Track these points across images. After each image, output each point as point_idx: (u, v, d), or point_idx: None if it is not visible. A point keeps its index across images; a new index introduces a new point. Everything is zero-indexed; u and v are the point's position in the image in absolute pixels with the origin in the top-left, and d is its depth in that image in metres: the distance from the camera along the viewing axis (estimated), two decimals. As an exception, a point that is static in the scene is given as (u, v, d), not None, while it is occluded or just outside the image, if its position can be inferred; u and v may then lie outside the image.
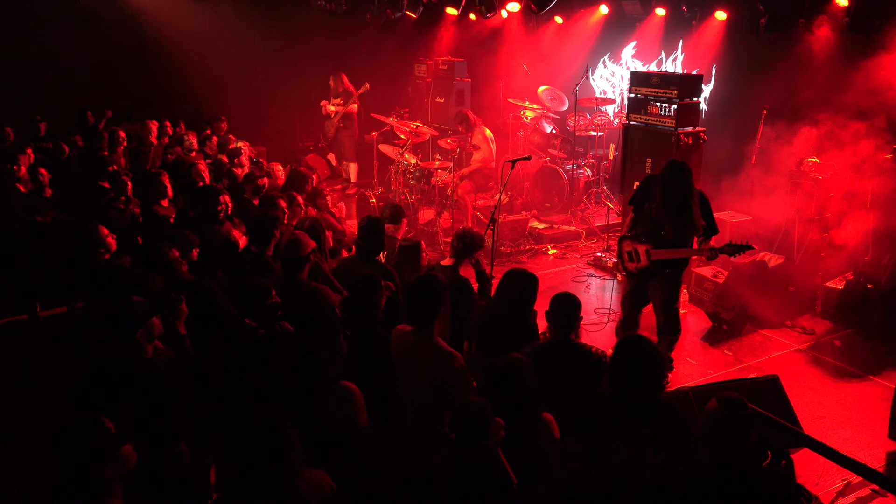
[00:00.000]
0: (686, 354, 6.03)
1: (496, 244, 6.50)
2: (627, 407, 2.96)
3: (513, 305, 3.97)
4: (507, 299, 3.99)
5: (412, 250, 4.91)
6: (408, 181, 8.83)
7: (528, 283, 3.93)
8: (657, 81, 7.54)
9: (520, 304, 3.96)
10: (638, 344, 3.04)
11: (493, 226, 5.87)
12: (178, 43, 10.92)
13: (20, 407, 4.18)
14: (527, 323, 4.01)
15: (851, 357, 5.93)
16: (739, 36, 8.82)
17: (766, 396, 4.11)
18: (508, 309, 3.98)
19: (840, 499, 4.17)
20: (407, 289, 3.66)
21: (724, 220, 7.85)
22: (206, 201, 5.48)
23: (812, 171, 7.00)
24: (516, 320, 3.97)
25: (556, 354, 3.57)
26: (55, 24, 10.29)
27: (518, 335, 3.85)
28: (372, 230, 4.81)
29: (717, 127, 8.51)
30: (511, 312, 3.98)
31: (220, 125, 10.21)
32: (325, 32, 12.03)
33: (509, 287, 3.98)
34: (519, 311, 3.98)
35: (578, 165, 9.66)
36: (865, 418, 5.02)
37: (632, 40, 10.51)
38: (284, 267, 4.39)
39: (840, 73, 7.31)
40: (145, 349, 3.37)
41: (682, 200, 4.93)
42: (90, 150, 8.02)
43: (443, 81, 11.13)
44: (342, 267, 4.95)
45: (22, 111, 9.52)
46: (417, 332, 3.53)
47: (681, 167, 4.99)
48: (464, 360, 3.45)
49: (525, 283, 3.93)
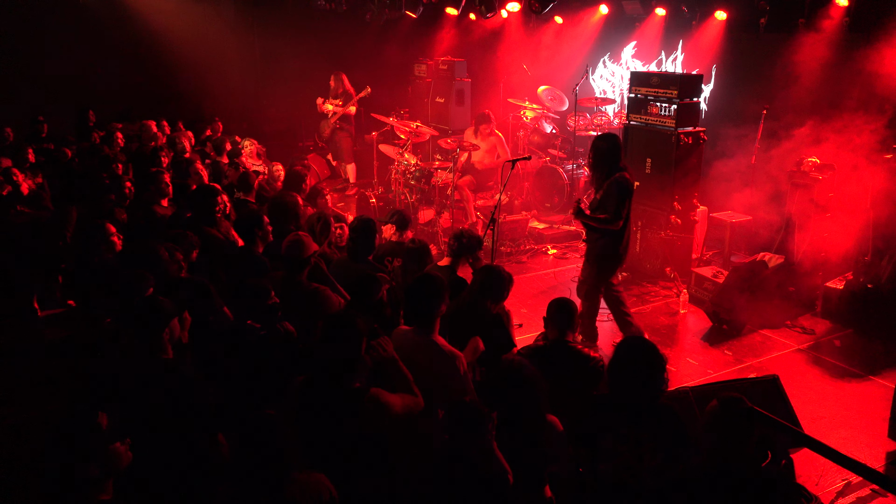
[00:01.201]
0: (686, 354, 6.03)
1: (496, 244, 6.49)
2: (625, 408, 2.96)
3: (473, 295, 4.04)
4: (470, 289, 4.09)
5: (420, 252, 4.84)
6: (408, 181, 8.83)
7: (488, 275, 4.02)
8: (657, 81, 7.54)
9: (478, 294, 4.02)
10: (637, 345, 3.03)
11: (493, 226, 5.87)
12: (178, 43, 10.92)
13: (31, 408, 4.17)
14: (483, 313, 4.01)
15: (851, 357, 5.93)
16: (739, 36, 8.82)
17: (766, 396, 4.10)
18: (470, 298, 4.04)
19: (840, 499, 4.17)
20: (407, 289, 3.66)
21: (723, 220, 7.86)
22: (204, 201, 5.48)
23: (812, 170, 6.99)
24: (474, 310, 4.00)
25: (554, 357, 3.58)
26: (55, 24, 10.29)
27: (474, 324, 3.89)
28: (363, 231, 4.81)
29: (717, 127, 8.50)
30: (471, 302, 4.02)
31: (216, 126, 10.20)
32: (325, 32, 12.04)
33: (474, 279, 4.11)
34: (477, 301, 4.01)
35: (578, 165, 9.66)
36: (865, 418, 5.01)
37: (632, 40, 10.50)
38: (285, 267, 4.39)
39: (840, 73, 7.31)
40: (167, 350, 3.36)
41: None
42: (91, 150, 8.03)
43: (443, 81, 11.13)
44: (334, 268, 4.93)
45: (22, 111, 9.53)
46: (419, 332, 3.53)
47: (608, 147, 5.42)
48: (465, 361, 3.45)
49: (485, 275, 4.03)
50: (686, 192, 7.44)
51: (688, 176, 7.44)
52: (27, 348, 4.27)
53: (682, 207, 7.41)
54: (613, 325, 6.61)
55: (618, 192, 5.30)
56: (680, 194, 7.39)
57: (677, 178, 7.37)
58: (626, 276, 7.74)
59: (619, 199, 5.29)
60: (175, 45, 10.87)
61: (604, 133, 5.89)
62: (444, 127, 10.74)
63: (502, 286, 4.03)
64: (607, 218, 5.31)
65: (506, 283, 4.05)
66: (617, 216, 5.31)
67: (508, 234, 8.71)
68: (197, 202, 5.55)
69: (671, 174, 7.38)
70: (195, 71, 11.18)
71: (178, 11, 10.96)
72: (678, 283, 7.28)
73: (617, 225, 5.36)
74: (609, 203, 5.30)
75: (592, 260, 5.58)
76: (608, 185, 5.34)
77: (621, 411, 2.95)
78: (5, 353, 4.21)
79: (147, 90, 10.70)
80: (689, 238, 7.60)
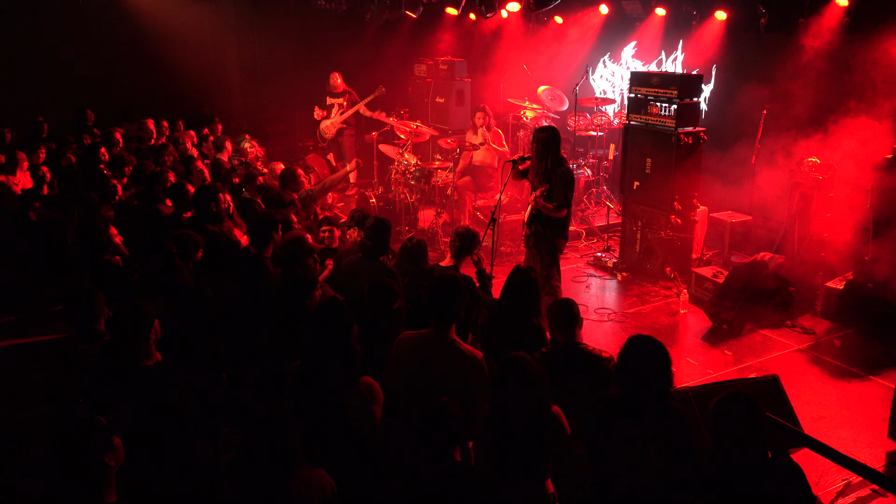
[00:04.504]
0: (686, 354, 6.03)
1: (496, 244, 6.50)
2: (634, 407, 2.96)
3: (516, 307, 4.00)
4: (511, 300, 4.03)
5: (417, 251, 4.75)
6: (408, 181, 8.83)
7: (567, 308, 3.83)
8: (657, 81, 7.54)
9: (523, 304, 3.99)
10: (645, 345, 3.03)
11: (494, 226, 5.87)
12: (178, 43, 10.92)
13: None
14: (530, 322, 4.00)
15: (851, 357, 5.92)
16: (739, 36, 8.81)
17: (766, 396, 4.10)
18: (513, 310, 4.01)
19: (840, 499, 4.17)
20: (429, 290, 3.55)
21: (724, 220, 7.87)
22: (205, 201, 5.48)
23: (812, 170, 7.00)
24: (520, 321, 3.98)
25: (567, 360, 3.57)
26: (55, 24, 10.29)
27: (523, 336, 3.86)
28: (378, 230, 4.78)
29: (717, 127, 8.51)
30: (516, 314, 4.00)
31: (215, 126, 10.20)
32: (325, 32, 12.03)
33: (513, 288, 4.04)
34: (523, 311, 3.99)
35: (578, 165, 9.66)
36: (865, 418, 5.01)
37: (632, 40, 10.49)
38: (284, 265, 4.40)
39: (840, 73, 7.31)
40: (154, 354, 3.36)
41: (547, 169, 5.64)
42: (91, 150, 8.04)
43: (443, 81, 11.13)
44: (347, 266, 4.90)
45: (22, 111, 9.52)
46: (438, 332, 3.44)
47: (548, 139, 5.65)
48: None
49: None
50: (686, 192, 7.44)
51: (688, 176, 7.44)
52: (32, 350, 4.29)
53: (682, 207, 7.41)
54: (614, 326, 6.63)
55: (565, 181, 5.61)
56: (680, 194, 7.39)
57: (677, 178, 7.37)
58: (626, 276, 7.75)
59: (566, 189, 5.60)
60: (175, 45, 10.86)
61: (544, 126, 6.24)
62: (444, 127, 10.73)
63: (538, 291, 4.12)
64: (557, 206, 5.59)
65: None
66: (566, 204, 5.65)
67: (508, 234, 8.71)
68: (198, 201, 5.56)
69: (671, 174, 7.38)
70: (195, 71, 11.17)
71: (178, 11, 10.94)
72: (678, 283, 7.29)
73: (563, 213, 5.67)
74: (557, 193, 5.57)
75: (546, 249, 5.81)
76: (555, 176, 5.60)
77: (629, 410, 2.95)
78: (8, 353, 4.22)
79: (147, 90, 10.68)
80: (689, 238, 7.60)
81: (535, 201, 5.58)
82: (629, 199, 8.04)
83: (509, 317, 4.02)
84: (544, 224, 5.72)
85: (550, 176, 5.62)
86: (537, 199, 5.57)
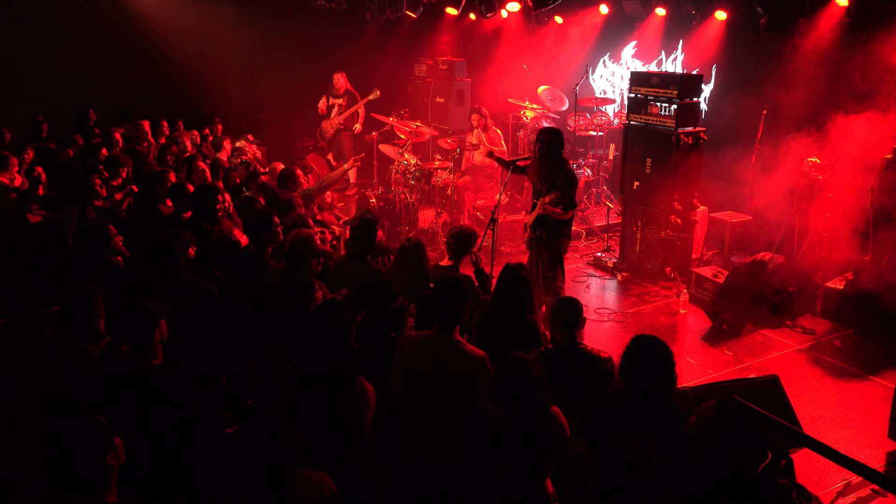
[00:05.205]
0: (686, 354, 6.03)
1: (496, 244, 6.49)
2: (633, 408, 2.95)
3: (509, 304, 4.00)
4: (504, 298, 4.03)
5: (415, 251, 4.66)
6: (408, 181, 8.83)
7: (572, 308, 3.80)
8: (657, 81, 7.54)
9: (515, 302, 3.99)
10: (650, 344, 3.02)
11: (493, 226, 5.87)
12: (178, 43, 10.92)
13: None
14: (524, 319, 4.00)
15: (851, 357, 5.92)
16: (739, 36, 8.82)
17: (766, 396, 4.09)
18: (506, 308, 4.00)
19: (840, 499, 4.18)
20: (434, 290, 3.54)
21: (724, 220, 7.87)
22: (205, 200, 5.47)
23: (812, 170, 7.00)
24: (514, 318, 3.97)
25: (565, 360, 3.56)
26: (55, 24, 10.28)
27: (518, 333, 3.85)
28: (364, 230, 4.78)
29: (717, 127, 8.51)
30: (509, 311, 3.99)
31: (215, 126, 10.20)
32: (325, 32, 12.03)
33: (505, 286, 4.03)
34: (516, 309, 3.99)
35: (578, 165, 9.65)
36: (865, 418, 5.01)
37: (632, 40, 10.49)
38: (287, 264, 4.40)
39: (840, 73, 7.31)
40: (158, 354, 3.36)
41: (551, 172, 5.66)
42: (90, 150, 8.03)
43: (443, 81, 11.13)
44: (334, 267, 4.91)
45: (22, 111, 9.52)
46: (443, 333, 3.43)
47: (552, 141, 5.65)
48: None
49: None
50: (686, 192, 7.44)
51: (688, 176, 7.44)
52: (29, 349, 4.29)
53: (682, 207, 7.41)
54: (614, 326, 6.63)
55: (571, 183, 5.61)
56: (680, 194, 7.39)
57: (677, 178, 7.37)
58: (626, 276, 7.75)
59: (572, 190, 5.61)
60: (175, 45, 10.86)
61: (548, 127, 6.24)
62: (444, 127, 10.73)
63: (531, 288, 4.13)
64: (565, 207, 5.59)
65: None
66: (572, 205, 5.65)
67: (508, 234, 8.71)
68: (197, 201, 5.55)
69: (671, 174, 7.38)
70: (195, 71, 11.16)
71: (178, 11, 10.95)
72: (678, 283, 7.29)
73: (569, 214, 5.70)
74: (564, 196, 5.55)
75: (549, 250, 5.80)
76: (560, 180, 5.60)
77: (630, 410, 2.95)
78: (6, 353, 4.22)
79: (147, 90, 10.68)
80: (689, 238, 7.60)
81: (544, 208, 5.56)
82: (629, 199, 8.04)
83: (503, 315, 4.02)
84: (549, 227, 5.72)
85: (555, 178, 5.60)
86: (546, 206, 5.55)
